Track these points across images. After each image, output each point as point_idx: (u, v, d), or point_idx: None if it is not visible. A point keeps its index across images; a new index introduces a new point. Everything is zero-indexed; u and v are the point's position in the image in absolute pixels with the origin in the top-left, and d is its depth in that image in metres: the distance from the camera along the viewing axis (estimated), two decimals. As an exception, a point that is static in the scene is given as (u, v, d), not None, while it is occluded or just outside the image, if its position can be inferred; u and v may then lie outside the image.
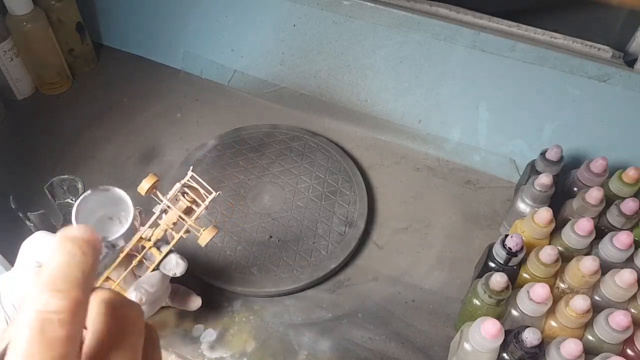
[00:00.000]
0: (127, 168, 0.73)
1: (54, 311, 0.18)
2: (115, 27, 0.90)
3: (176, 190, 0.46)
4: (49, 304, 0.19)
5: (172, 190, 0.46)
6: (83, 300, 0.19)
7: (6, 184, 0.68)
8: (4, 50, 0.74)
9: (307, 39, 0.76)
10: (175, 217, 0.46)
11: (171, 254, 0.47)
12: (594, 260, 0.50)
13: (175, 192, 0.46)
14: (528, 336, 0.45)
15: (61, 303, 0.19)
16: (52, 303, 0.19)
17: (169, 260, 0.47)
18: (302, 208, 0.66)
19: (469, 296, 0.53)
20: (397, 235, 0.67)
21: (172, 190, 0.46)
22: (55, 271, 0.19)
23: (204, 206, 0.46)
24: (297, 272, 0.60)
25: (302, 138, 0.75)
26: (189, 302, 0.55)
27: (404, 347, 0.57)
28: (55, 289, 0.19)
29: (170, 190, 0.46)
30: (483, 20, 0.67)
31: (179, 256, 0.47)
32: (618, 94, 0.63)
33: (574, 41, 0.65)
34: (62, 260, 0.20)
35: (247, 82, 0.84)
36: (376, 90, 0.76)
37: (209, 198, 0.46)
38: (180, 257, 0.47)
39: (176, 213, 0.45)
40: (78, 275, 0.20)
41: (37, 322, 0.18)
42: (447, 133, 0.75)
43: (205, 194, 0.46)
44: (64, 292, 0.19)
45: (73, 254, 0.20)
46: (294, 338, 0.57)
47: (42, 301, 0.19)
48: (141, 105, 0.82)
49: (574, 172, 0.63)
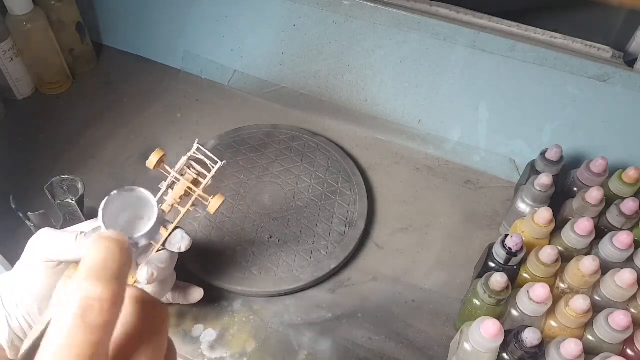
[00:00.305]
0: (127, 168, 0.73)
1: (96, 298, 0.20)
2: (115, 27, 0.90)
3: (183, 163, 0.47)
4: (91, 291, 0.20)
5: (179, 162, 0.47)
6: (120, 293, 0.21)
7: (6, 184, 0.68)
8: (4, 50, 0.74)
9: (307, 39, 0.76)
10: (183, 189, 0.47)
11: (177, 230, 0.47)
12: (594, 260, 0.50)
13: (182, 165, 0.47)
14: (528, 336, 0.45)
15: (102, 291, 0.20)
16: (94, 291, 0.20)
17: (174, 235, 0.47)
18: (302, 208, 0.66)
19: (469, 296, 0.53)
20: (397, 235, 0.67)
21: (180, 162, 0.47)
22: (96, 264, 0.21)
23: (212, 175, 0.47)
24: (297, 272, 0.60)
25: (302, 138, 0.75)
26: (190, 294, 0.56)
27: (404, 347, 0.57)
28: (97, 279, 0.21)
29: (178, 163, 0.46)
30: (483, 20, 0.67)
31: (184, 231, 0.47)
32: (618, 94, 0.63)
33: (574, 41, 0.65)
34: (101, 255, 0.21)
35: (247, 82, 0.84)
36: (376, 90, 0.76)
37: (216, 167, 0.47)
38: (186, 232, 0.47)
39: (185, 184, 0.46)
40: (116, 269, 0.21)
41: (80, 307, 0.20)
42: (447, 133, 0.75)
43: (212, 165, 0.47)
44: (105, 282, 0.21)
45: (111, 251, 0.21)
46: (294, 338, 0.57)
47: (86, 289, 0.20)
48: (141, 105, 0.82)
49: (574, 172, 0.63)
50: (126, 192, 0.39)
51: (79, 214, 0.59)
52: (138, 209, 0.41)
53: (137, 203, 0.40)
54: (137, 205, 0.41)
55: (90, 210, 0.64)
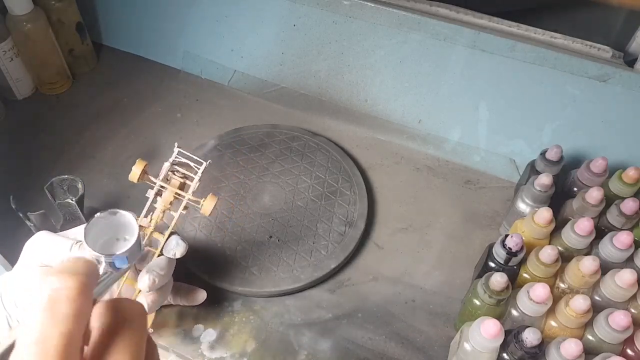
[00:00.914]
0: (127, 168, 0.72)
1: (62, 288, 0.21)
2: (115, 27, 0.90)
3: (166, 170, 0.46)
4: (57, 282, 0.21)
5: (162, 170, 0.46)
6: (87, 284, 0.22)
7: (6, 184, 0.68)
8: (4, 50, 0.74)
9: (307, 39, 0.76)
10: (172, 196, 0.46)
11: (172, 236, 0.47)
12: (594, 260, 0.50)
13: (166, 172, 0.46)
14: (528, 336, 0.45)
15: (69, 281, 0.21)
16: (61, 281, 0.21)
17: (169, 241, 0.47)
18: (302, 208, 0.66)
19: (469, 296, 0.53)
20: (397, 235, 0.67)
21: (162, 170, 0.46)
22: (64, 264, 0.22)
23: (198, 178, 0.46)
24: (297, 272, 0.60)
25: (302, 138, 0.75)
26: (194, 296, 0.56)
27: (404, 347, 0.57)
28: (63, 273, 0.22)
29: (161, 171, 0.46)
30: (483, 20, 0.67)
31: (179, 237, 0.47)
32: (618, 94, 0.63)
33: (574, 41, 0.65)
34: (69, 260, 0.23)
35: (247, 82, 0.84)
36: (376, 90, 0.76)
37: (201, 168, 0.46)
38: (181, 239, 0.47)
39: (172, 191, 0.46)
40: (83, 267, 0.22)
41: (47, 300, 0.21)
42: (447, 133, 0.75)
43: (196, 167, 0.46)
44: (71, 275, 0.22)
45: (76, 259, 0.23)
46: (294, 338, 0.57)
47: (52, 282, 0.21)
48: (141, 105, 0.82)
49: (574, 172, 0.63)
50: (110, 214, 0.40)
51: (79, 214, 0.59)
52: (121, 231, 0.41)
53: (120, 225, 0.41)
54: (120, 227, 0.41)
55: (90, 210, 0.64)
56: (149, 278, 0.45)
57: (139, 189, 0.47)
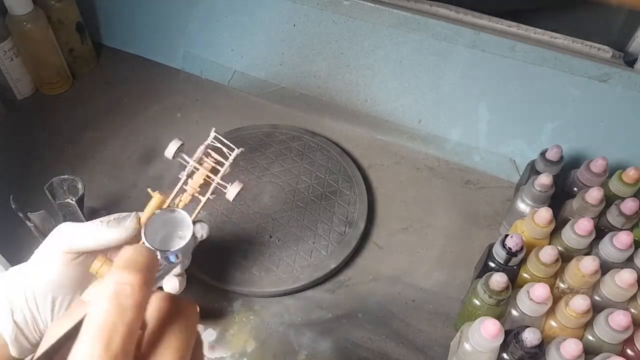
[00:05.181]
0: (127, 168, 0.73)
1: (127, 282, 0.24)
2: (115, 27, 0.90)
3: (201, 152, 0.48)
4: (123, 277, 0.24)
5: (197, 151, 0.48)
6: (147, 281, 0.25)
7: (6, 184, 0.68)
8: (4, 50, 0.74)
9: (307, 39, 0.76)
10: (202, 178, 0.47)
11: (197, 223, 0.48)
12: (594, 260, 0.50)
13: (201, 154, 0.48)
14: (528, 336, 0.45)
15: (132, 277, 0.24)
16: (126, 277, 0.24)
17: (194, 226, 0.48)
18: (302, 208, 0.66)
19: (469, 296, 0.53)
20: (397, 235, 0.67)
21: (198, 151, 0.48)
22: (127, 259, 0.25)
23: (230, 162, 0.47)
24: (297, 272, 0.60)
25: (302, 138, 0.75)
26: None
27: (404, 347, 0.57)
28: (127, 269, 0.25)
29: (196, 152, 0.47)
30: (483, 20, 0.67)
31: (202, 222, 0.49)
32: (618, 94, 0.63)
33: (574, 41, 0.65)
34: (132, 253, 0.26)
35: (247, 82, 0.84)
36: (376, 90, 0.76)
37: (233, 154, 0.48)
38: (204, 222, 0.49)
39: (203, 173, 0.47)
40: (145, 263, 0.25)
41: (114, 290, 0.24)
42: (447, 133, 0.75)
43: (229, 152, 0.47)
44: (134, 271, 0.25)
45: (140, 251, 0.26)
46: (294, 338, 0.57)
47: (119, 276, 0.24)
48: (141, 105, 0.82)
49: (574, 172, 0.63)
50: (168, 212, 0.44)
51: (79, 214, 0.59)
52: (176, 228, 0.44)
53: (177, 222, 0.44)
54: (176, 224, 0.44)
55: (90, 210, 0.64)
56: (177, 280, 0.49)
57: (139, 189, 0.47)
